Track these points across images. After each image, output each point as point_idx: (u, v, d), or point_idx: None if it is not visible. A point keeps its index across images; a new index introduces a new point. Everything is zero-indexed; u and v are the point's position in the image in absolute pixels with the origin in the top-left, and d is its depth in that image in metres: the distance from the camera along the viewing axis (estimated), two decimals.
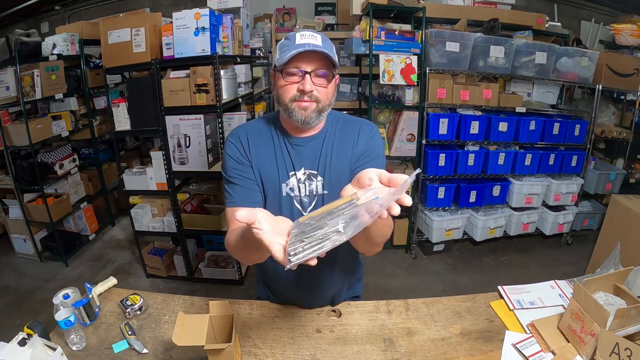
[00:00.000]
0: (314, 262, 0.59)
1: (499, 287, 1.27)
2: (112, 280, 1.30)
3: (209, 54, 2.13)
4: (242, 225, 0.87)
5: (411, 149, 2.88)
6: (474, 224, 3.03)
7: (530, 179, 3.02)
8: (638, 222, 2.36)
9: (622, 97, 3.35)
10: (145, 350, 1.03)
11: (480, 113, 2.81)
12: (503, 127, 2.81)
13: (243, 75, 2.80)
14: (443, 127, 2.75)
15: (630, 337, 0.92)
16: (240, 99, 2.69)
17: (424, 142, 2.80)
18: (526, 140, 2.90)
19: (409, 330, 1.11)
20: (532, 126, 2.87)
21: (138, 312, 1.17)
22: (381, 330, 1.11)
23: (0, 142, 2.67)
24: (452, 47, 2.60)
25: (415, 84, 2.69)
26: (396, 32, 2.63)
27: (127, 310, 1.15)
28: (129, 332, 1.07)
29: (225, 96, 2.39)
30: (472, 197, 2.93)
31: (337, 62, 0.93)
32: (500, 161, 2.88)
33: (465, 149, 2.91)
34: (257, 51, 3.46)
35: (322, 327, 1.13)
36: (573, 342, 1.00)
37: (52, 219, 2.82)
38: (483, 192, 2.94)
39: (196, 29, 2.10)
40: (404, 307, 1.20)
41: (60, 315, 1.01)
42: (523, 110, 2.84)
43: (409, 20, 2.81)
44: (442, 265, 2.99)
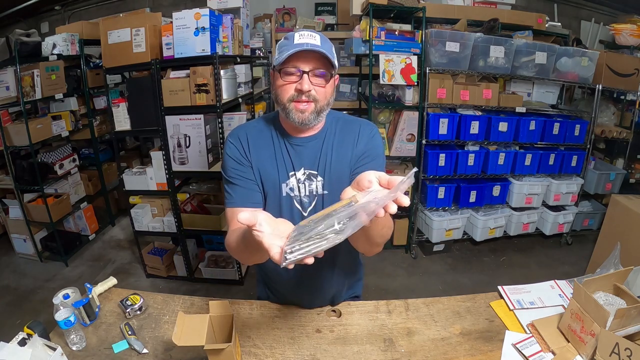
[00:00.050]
0: (310, 260, 0.59)
1: (499, 287, 1.27)
2: (112, 280, 1.30)
3: (209, 54, 2.13)
4: (242, 226, 0.87)
5: (411, 149, 2.88)
6: (474, 224, 3.03)
7: (530, 179, 3.02)
8: (638, 222, 2.36)
9: (622, 97, 3.35)
10: (145, 350, 1.03)
11: (480, 113, 2.81)
12: (503, 127, 2.81)
13: (243, 75, 2.80)
14: (443, 127, 2.75)
15: (630, 337, 0.92)
16: (240, 99, 2.70)
17: (424, 142, 2.80)
18: (526, 140, 2.90)
19: (409, 330, 1.11)
20: (532, 126, 2.87)
21: (138, 312, 1.17)
22: (381, 330, 1.11)
23: (0, 142, 2.67)
24: (452, 47, 2.60)
25: (415, 84, 2.69)
26: (396, 32, 2.64)
27: (127, 310, 1.15)
28: (129, 332, 1.07)
29: (225, 96, 2.39)
30: (472, 197, 2.93)
31: (335, 62, 0.93)
32: (500, 161, 2.88)
33: (465, 149, 2.91)
34: (257, 51, 3.46)
35: (322, 327, 1.13)
36: (573, 342, 1.00)
37: (52, 219, 2.82)
38: (483, 192, 2.95)
39: (196, 29, 2.10)
40: (404, 307, 1.20)
41: (60, 315, 1.01)
42: (523, 110, 2.84)
43: (409, 20, 2.81)
44: (442, 265, 2.99)
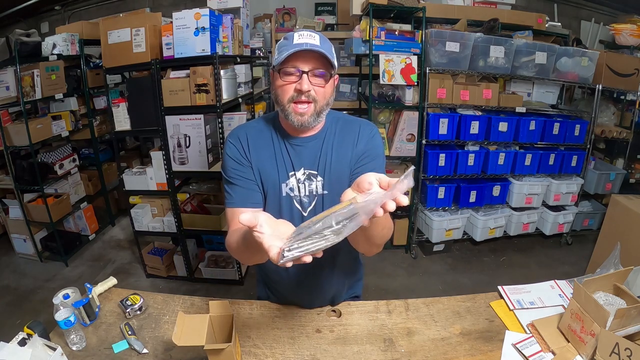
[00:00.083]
0: (308, 259, 0.59)
1: (499, 287, 1.27)
2: (112, 280, 1.30)
3: (209, 54, 2.13)
4: (243, 227, 0.87)
5: (411, 149, 2.88)
6: (474, 224, 3.03)
7: (530, 179, 3.02)
8: (638, 222, 2.36)
9: (622, 97, 3.34)
10: (145, 350, 1.03)
11: (480, 113, 2.81)
12: (503, 127, 2.81)
13: (243, 75, 2.80)
14: (443, 127, 2.75)
15: (630, 337, 0.92)
16: (240, 99, 2.70)
17: (424, 142, 2.80)
18: (526, 140, 2.90)
19: (409, 330, 1.11)
20: (532, 126, 2.87)
21: (138, 312, 1.17)
22: (381, 330, 1.11)
23: (0, 142, 2.67)
24: (452, 47, 2.60)
25: (415, 84, 2.69)
26: (396, 32, 2.63)
27: (127, 310, 1.15)
28: (129, 332, 1.07)
29: (225, 96, 2.39)
30: (472, 197, 2.93)
31: (335, 62, 0.92)
32: (500, 161, 2.88)
33: (465, 149, 2.91)
34: (257, 51, 3.46)
35: (322, 327, 1.13)
36: (573, 342, 1.00)
37: (52, 219, 2.82)
38: (483, 192, 2.94)
39: (196, 29, 2.10)
40: (404, 307, 1.20)
41: (60, 315, 1.01)
42: (523, 110, 2.84)
43: (409, 20, 2.81)
44: (442, 265, 2.99)
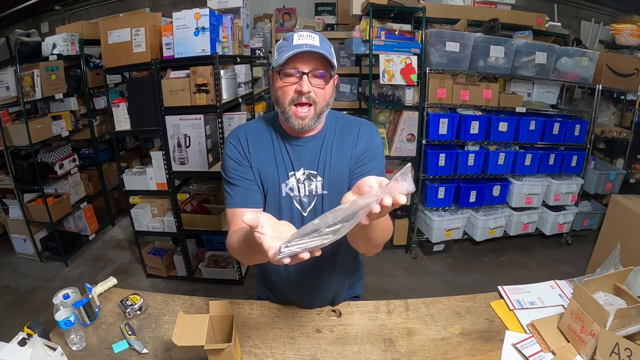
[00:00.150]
0: (305, 255, 0.60)
1: (499, 287, 1.27)
2: (112, 280, 1.30)
3: (209, 54, 2.13)
4: (244, 227, 0.88)
5: (411, 149, 2.88)
6: (474, 224, 3.03)
7: (530, 179, 3.02)
8: (638, 222, 2.36)
9: (622, 97, 3.34)
10: (145, 350, 1.03)
11: (480, 113, 2.81)
12: (503, 127, 2.81)
13: (243, 75, 2.80)
14: (443, 127, 2.75)
15: (630, 337, 0.92)
16: (240, 99, 2.70)
17: (424, 142, 2.80)
18: (526, 140, 2.90)
19: (409, 330, 1.11)
20: (532, 126, 2.86)
21: (138, 312, 1.17)
22: (381, 330, 1.11)
23: (0, 142, 2.67)
24: (452, 47, 2.60)
25: (415, 84, 2.69)
26: (396, 32, 2.63)
27: (127, 310, 1.15)
28: (129, 332, 1.07)
29: (225, 96, 2.39)
30: (472, 197, 2.93)
31: (335, 62, 0.92)
32: (500, 161, 2.88)
33: (465, 149, 2.91)
34: (257, 51, 3.46)
35: (322, 327, 1.13)
36: (573, 342, 1.00)
37: (52, 219, 2.82)
38: (483, 192, 2.94)
39: (196, 29, 2.10)
40: (404, 307, 1.20)
41: (60, 315, 1.01)
42: (523, 110, 2.84)
43: (409, 20, 2.81)
44: (442, 265, 2.99)
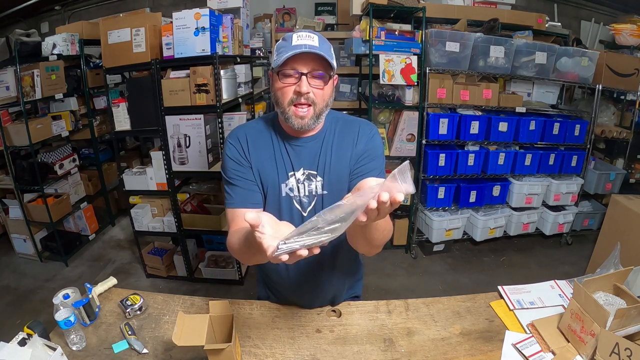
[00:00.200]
0: (304, 252, 0.60)
1: (499, 287, 1.27)
2: (112, 280, 1.30)
3: (209, 54, 2.13)
4: (244, 227, 0.88)
5: (411, 149, 2.88)
6: (474, 224, 3.03)
7: (530, 179, 3.02)
8: (638, 222, 2.36)
9: (622, 97, 3.34)
10: (145, 350, 1.03)
11: (480, 113, 2.81)
12: (503, 127, 2.81)
13: (243, 75, 2.80)
14: (443, 127, 2.75)
15: (630, 337, 0.92)
16: (240, 99, 2.70)
17: (424, 142, 2.80)
18: (526, 140, 2.90)
19: (409, 330, 1.11)
20: (532, 126, 2.86)
21: (138, 312, 1.17)
22: (381, 330, 1.11)
23: (0, 142, 2.66)
24: (452, 47, 2.60)
25: (415, 84, 2.69)
26: (396, 32, 2.63)
27: (127, 310, 1.15)
28: (129, 332, 1.07)
29: (225, 96, 2.39)
30: (472, 197, 2.93)
31: (334, 62, 0.93)
32: (500, 161, 2.88)
33: (465, 149, 2.91)
34: (257, 51, 3.46)
35: (322, 327, 1.13)
36: (573, 342, 1.00)
37: (52, 219, 2.82)
38: (483, 192, 2.94)
39: (196, 29, 2.10)
40: (404, 307, 1.20)
41: (60, 315, 1.01)
42: (523, 110, 2.84)
43: (409, 20, 2.81)
44: (442, 265, 2.99)
